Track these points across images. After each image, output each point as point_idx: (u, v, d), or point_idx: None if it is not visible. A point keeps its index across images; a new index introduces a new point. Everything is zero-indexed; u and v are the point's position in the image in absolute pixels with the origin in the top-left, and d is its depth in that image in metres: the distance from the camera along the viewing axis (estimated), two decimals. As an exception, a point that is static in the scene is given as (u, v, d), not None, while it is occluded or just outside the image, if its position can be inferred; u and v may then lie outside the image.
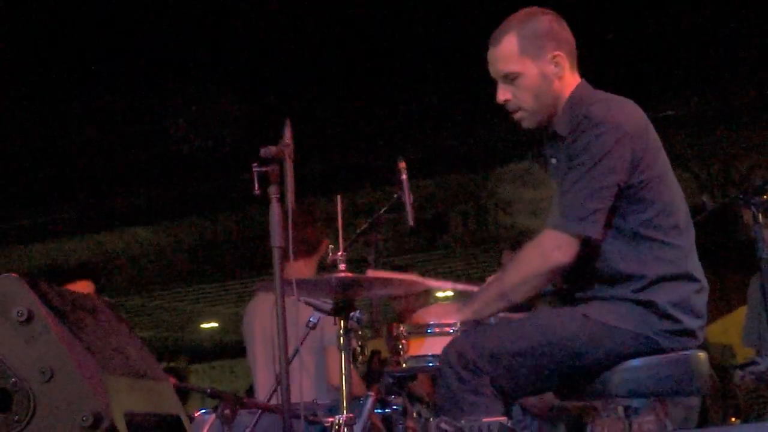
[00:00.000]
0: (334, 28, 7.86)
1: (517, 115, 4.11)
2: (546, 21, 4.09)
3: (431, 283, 4.55)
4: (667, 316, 3.84)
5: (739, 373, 5.43)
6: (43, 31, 7.78)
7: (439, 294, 14.06)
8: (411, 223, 4.76)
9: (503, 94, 4.08)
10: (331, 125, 8.80)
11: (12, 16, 7.57)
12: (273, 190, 3.85)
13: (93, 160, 9.78)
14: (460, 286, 4.46)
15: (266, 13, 7.62)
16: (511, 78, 4.05)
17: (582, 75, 4.13)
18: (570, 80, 4.07)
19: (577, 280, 3.97)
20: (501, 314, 4.22)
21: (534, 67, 4.03)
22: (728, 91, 8.77)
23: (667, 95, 8.36)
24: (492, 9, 4.22)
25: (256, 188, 3.84)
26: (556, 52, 4.04)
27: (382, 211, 4.96)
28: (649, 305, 3.84)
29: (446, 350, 3.86)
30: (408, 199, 4.76)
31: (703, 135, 9.26)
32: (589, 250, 3.88)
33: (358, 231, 5.01)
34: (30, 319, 3.14)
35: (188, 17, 7.77)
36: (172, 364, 16.08)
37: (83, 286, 6.47)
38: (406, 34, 7.86)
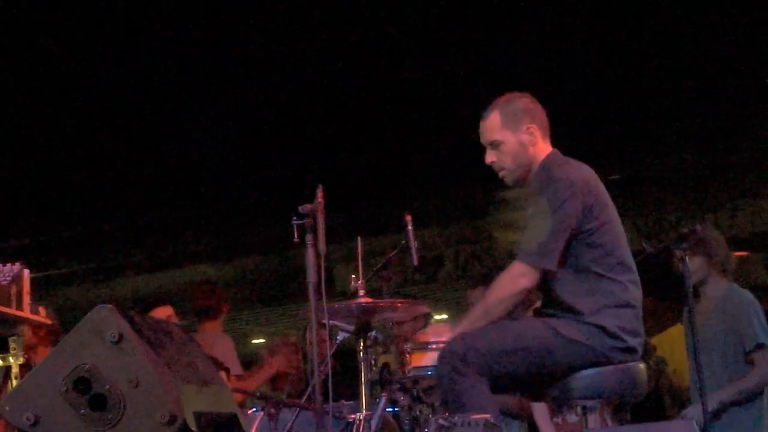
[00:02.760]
0: (361, 119, 7.87)
1: (501, 174, 4.18)
2: (523, 102, 4.16)
3: None
4: (615, 336, 3.86)
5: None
6: (120, 82, 7.60)
7: (436, 317, 14.03)
8: (415, 262, 4.77)
9: (489, 157, 4.16)
10: (354, 186, 8.80)
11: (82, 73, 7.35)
12: (308, 238, 3.87)
13: (168, 212, 9.80)
14: None
15: (300, 93, 7.59)
16: (495, 145, 4.12)
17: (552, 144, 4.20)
18: (543, 148, 4.13)
19: (547, 304, 4.01)
20: None
21: (513, 136, 4.10)
22: (660, 161, 8.82)
23: (613, 164, 8.39)
24: (478, 90, 4.25)
25: (296, 236, 3.86)
26: (530, 125, 4.10)
27: (392, 253, 4.96)
28: (601, 327, 3.86)
29: (444, 348, 3.90)
30: (413, 243, 4.77)
31: (642, 194, 9.27)
32: (553, 281, 3.92)
33: (374, 268, 5.01)
34: (121, 339, 3.14)
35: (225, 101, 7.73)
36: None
37: (164, 311, 6.42)
38: (414, 117, 7.89)
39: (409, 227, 4.77)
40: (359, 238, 4.63)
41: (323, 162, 8.40)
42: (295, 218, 3.86)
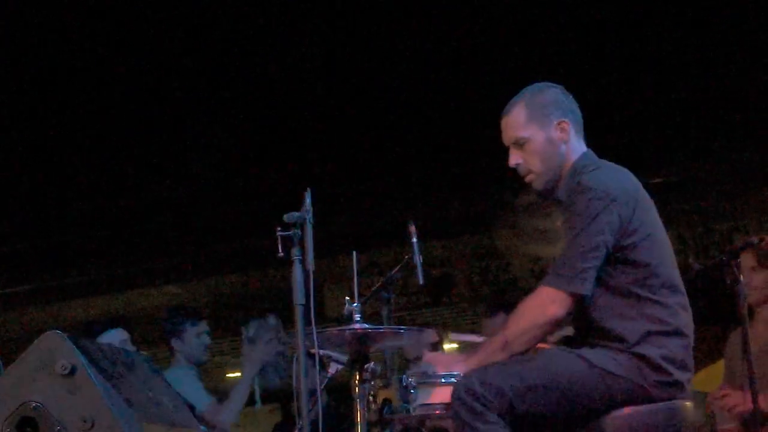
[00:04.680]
0: (354, 107, 7.92)
1: (528, 178, 4.12)
2: (552, 92, 4.14)
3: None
4: (660, 369, 3.83)
5: None
6: (85, 104, 7.78)
7: (446, 346, 14.01)
8: (421, 281, 4.77)
9: (514, 158, 4.11)
10: (348, 192, 8.83)
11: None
12: (295, 252, 3.86)
13: (128, 224, 9.81)
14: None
15: (290, 89, 7.67)
16: (520, 143, 4.08)
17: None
18: (576, 147, 4.11)
19: (580, 332, 3.99)
20: None
21: (541, 133, 4.06)
22: (707, 163, 8.85)
23: (655, 166, 8.42)
24: (494, 88, 4.26)
25: (280, 250, 3.85)
26: (562, 120, 4.07)
27: (394, 271, 4.96)
28: (643, 358, 3.83)
29: (457, 385, 3.84)
30: (418, 259, 4.77)
31: (688, 201, 9.29)
32: (586, 305, 3.89)
33: (372, 288, 5.01)
34: (73, 372, 3.14)
35: (213, 96, 7.82)
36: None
37: (116, 335, 6.43)
38: (419, 115, 7.93)
39: (414, 239, 4.77)
40: (354, 253, 4.62)
41: (312, 164, 8.43)
42: (279, 229, 3.86)
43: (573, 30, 7.16)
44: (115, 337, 6.35)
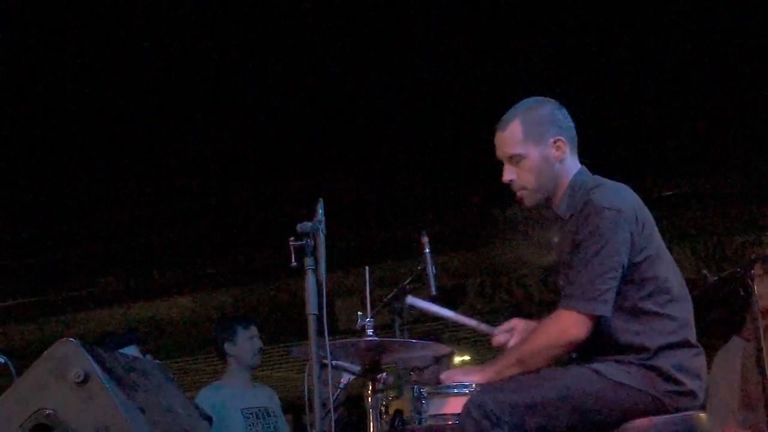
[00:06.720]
0: (366, 118, 7.93)
1: (519, 194, 4.13)
2: (548, 109, 4.13)
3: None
4: (672, 379, 3.84)
5: None
6: (100, 114, 7.80)
7: (458, 358, 14.01)
8: (433, 292, 4.77)
9: (508, 174, 4.11)
10: (360, 203, 8.82)
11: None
12: (308, 262, 3.87)
13: (141, 236, 9.83)
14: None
15: (303, 100, 7.69)
16: (515, 160, 4.08)
17: (585, 159, 4.18)
18: (571, 165, 4.11)
19: (588, 351, 3.97)
20: None
21: (536, 150, 4.06)
22: (721, 175, 8.83)
23: (668, 178, 8.40)
24: (509, 100, 4.25)
25: (293, 260, 3.86)
26: (557, 137, 4.08)
27: (406, 282, 4.96)
28: (655, 369, 3.84)
29: (467, 403, 3.82)
30: (431, 270, 4.77)
31: (701, 214, 9.26)
32: (597, 325, 3.88)
33: (384, 300, 5.02)
34: (86, 380, 3.15)
35: (225, 106, 7.84)
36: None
37: (127, 352, 6.46)
38: (432, 126, 7.94)
39: (427, 251, 4.78)
40: (367, 268, 4.64)
41: (324, 175, 8.43)
42: (292, 239, 3.87)
43: (594, 40, 7.15)
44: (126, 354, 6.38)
